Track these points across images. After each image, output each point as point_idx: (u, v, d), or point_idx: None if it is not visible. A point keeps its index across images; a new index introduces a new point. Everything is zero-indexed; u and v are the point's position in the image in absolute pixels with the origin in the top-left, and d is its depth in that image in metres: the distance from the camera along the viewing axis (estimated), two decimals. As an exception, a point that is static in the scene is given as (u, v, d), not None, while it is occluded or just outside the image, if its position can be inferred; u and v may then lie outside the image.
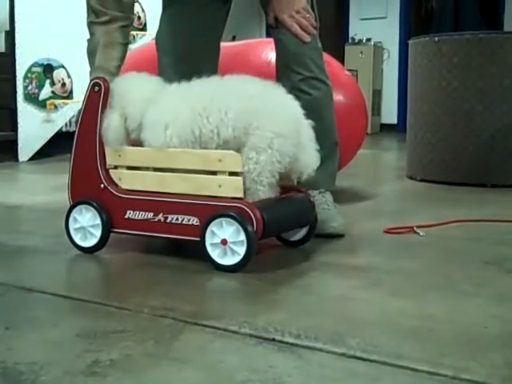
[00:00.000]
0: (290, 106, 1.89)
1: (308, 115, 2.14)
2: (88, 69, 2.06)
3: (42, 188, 3.48)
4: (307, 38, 2.21)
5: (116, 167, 1.94)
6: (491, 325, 1.36)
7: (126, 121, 1.91)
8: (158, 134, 1.85)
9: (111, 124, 1.92)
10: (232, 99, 1.83)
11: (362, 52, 8.47)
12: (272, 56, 2.55)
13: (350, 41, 8.85)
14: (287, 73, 2.24)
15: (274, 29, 2.26)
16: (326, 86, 2.27)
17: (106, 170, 1.93)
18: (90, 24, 2.08)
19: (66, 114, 5.01)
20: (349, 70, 4.64)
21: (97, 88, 1.92)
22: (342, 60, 8.20)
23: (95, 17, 2.06)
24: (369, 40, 8.61)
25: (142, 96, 1.92)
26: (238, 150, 1.80)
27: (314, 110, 2.20)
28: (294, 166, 1.85)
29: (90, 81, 1.97)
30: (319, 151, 2.22)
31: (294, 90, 2.19)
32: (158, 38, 2.41)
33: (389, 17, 8.86)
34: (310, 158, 1.88)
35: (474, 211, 2.65)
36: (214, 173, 1.81)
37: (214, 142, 1.82)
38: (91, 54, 2.06)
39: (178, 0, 2.34)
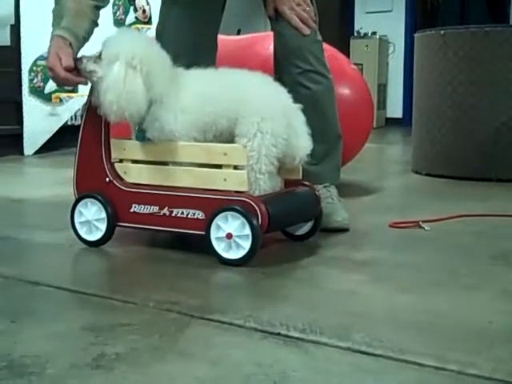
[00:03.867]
0: (275, 91, 1.91)
1: (308, 109, 2.14)
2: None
3: (47, 182, 3.49)
4: (307, 31, 2.20)
5: (121, 161, 1.94)
6: (496, 320, 1.35)
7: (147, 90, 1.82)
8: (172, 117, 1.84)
9: (137, 90, 1.80)
10: (223, 91, 1.85)
11: (367, 46, 8.45)
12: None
13: (355, 34, 8.82)
14: (286, 66, 2.23)
15: (274, 21, 2.25)
16: (327, 80, 2.26)
17: (112, 164, 1.93)
18: None
19: (72, 107, 5.01)
20: (354, 64, 4.63)
21: (102, 83, 1.92)
22: (347, 54, 8.17)
23: None
24: (374, 34, 8.58)
25: (168, 71, 1.87)
26: (233, 141, 1.82)
27: (315, 103, 2.21)
28: (287, 149, 1.84)
29: (52, 37, 1.93)
30: (322, 145, 2.24)
31: (294, 84, 2.19)
32: (157, 32, 2.40)
33: (394, 10, 8.83)
34: (302, 142, 1.87)
35: (480, 205, 2.65)
36: (218, 166, 1.81)
37: (211, 132, 1.85)
38: (58, 16, 1.98)
39: None
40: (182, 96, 1.85)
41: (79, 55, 1.91)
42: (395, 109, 8.77)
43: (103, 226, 1.91)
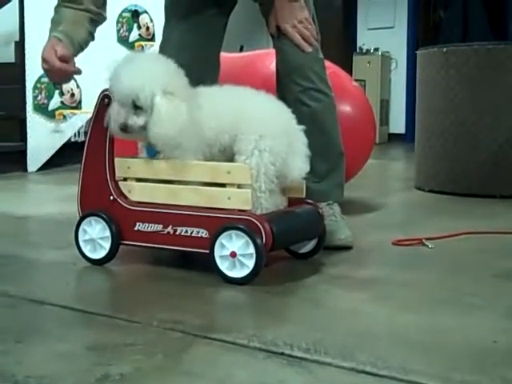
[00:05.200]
0: (277, 109, 1.93)
1: (309, 127, 2.14)
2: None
3: (51, 199, 3.50)
4: (308, 49, 2.21)
5: (125, 179, 1.95)
6: (501, 339, 1.35)
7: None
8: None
9: (181, 113, 1.78)
10: (226, 107, 1.87)
11: (369, 62, 8.47)
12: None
13: (357, 50, 8.86)
14: (288, 84, 2.24)
15: (276, 38, 2.26)
16: (327, 97, 2.26)
17: (116, 182, 1.94)
18: (59, 6, 2.06)
19: (75, 124, 5.03)
20: (357, 80, 4.63)
21: (106, 100, 1.93)
22: (349, 70, 8.20)
23: (66, 2, 2.05)
24: (376, 50, 8.62)
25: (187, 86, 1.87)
26: (233, 159, 1.83)
27: (315, 121, 2.22)
28: (282, 168, 1.84)
29: (49, 39, 1.98)
30: (324, 163, 2.25)
31: (295, 102, 2.20)
32: (161, 50, 2.41)
33: (396, 26, 8.86)
34: (298, 163, 1.86)
35: (483, 223, 2.65)
36: (223, 185, 1.82)
37: (216, 147, 1.86)
38: (56, 23, 2.03)
39: (182, 12, 2.34)
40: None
41: (120, 122, 1.80)
42: (398, 125, 8.78)
43: (107, 245, 1.92)
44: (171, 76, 1.83)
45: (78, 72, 1.98)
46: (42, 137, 4.86)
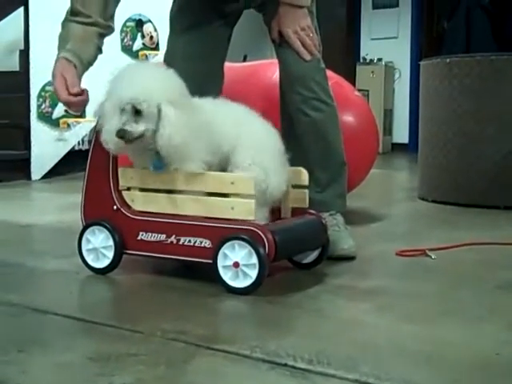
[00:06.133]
0: (269, 129, 1.97)
1: (310, 136, 2.15)
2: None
3: (54, 207, 3.50)
4: (308, 57, 2.21)
5: (129, 189, 1.95)
6: (503, 351, 1.35)
7: None
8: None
9: (185, 122, 1.77)
10: (230, 118, 1.92)
11: (373, 72, 8.49)
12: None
13: (361, 61, 8.88)
14: (290, 93, 2.25)
15: (278, 46, 2.27)
16: (329, 107, 2.27)
17: (119, 192, 1.94)
18: (66, 21, 2.03)
19: (79, 132, 5.04)
20: (360, 90, 4.64)
21: (110, 109, 1.93)
22: (353, 80, 8.22)
23: (73, 16, 2.02)
24: (380, 60, 8.64)
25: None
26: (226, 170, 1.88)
27: (317, 131, 2.23)
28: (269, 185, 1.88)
29: (57, 59, 1.96)
30: (326, 173, 2.25)
31: (296, 112, 2.22)
32: (165, 60, 2.41)
33: (400, 37, 8.88)
34: (280, 182, 1.90)
35: (487, 233, 2.65)
36: (226, 195, 1.82)
37: (218, 155, 1.88)
38: (64, 40, 2.01)
39: (187, 23, 2.34)
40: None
41: (117, 128, 1.76)
42: (401, 134, 8.79)
43: (110, 254, 1.92)
44: (174, 86, 1.83)
45: (86, 101, 1.97)
46: (46, 145, 4.87)
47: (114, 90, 1.80)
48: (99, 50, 2.05)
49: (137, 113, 1.75)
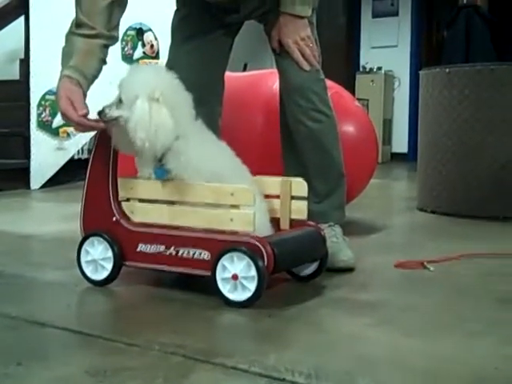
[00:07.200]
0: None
1: (308, 147, 2.15)
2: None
3: (53, 217, 3.50)
4: (307, 67, 2.21)
5: (128, 200, 1.95)
6: (502, 366, 1.35)
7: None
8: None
9: (165, 121, 1.82)
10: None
11: (372, 80, 8.51)
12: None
13: (360, 69, 8.90)
14: (289, 104, 2.26)
15: (277, 55, 2.27)
16: (327, 118, 2.27)
17: (119, 203, 1.94)
18: (70, 34, 2.02)
19: (79, 141, 5.05)
20: (359, 99, 4.64)
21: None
22: (353, 88, 8.23)
23: (78, 28, 2.02)
24: (380, 68, 8.66)
25: (190, 106, 1.92)
26: None
27: (315, 141, 2.23)
28: None
29: (60, 77, 1.96)
30: (324, 184, 2.26)
31: (295, 122, 2.22)
32: None
33: (400, 45, 8.91)
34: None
35: (486, 245, 2.64)
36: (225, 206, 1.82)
37: None
38: (67, 55, 2.00)
39: (189, 33, 2.35)
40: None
41: (100, 107, 1.89)
42: (400, 144, 8.80)
43: (109, 265, 1.92)
44: (164, 85, 1.86)
45: (99, 127, 1.97)
46: (46, 154, 4.88)
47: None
48: (103, 62, 2.05)
49: (120, 101, 1.86)
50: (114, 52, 2.15)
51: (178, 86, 1.92)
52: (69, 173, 4.92)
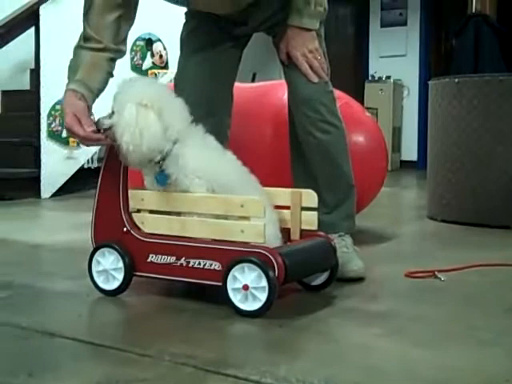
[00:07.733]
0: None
1: (316, 158, 2.15)
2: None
3: (64, 226, 3.51)
4: (315, 79, 2.22)
5: (139, 211, 1.96)
6: (514, 377, 1.35)
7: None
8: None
9: (150, 124, 1.86)
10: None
11: (381, 89, 8.51)
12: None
13: (369, 78, 8.90)
14: (297, 115, 2.26)
15: (286, 67, 2.28)
16: (336, 129, 2.27)
17: (129, 214, 1.95)
18: (78, 48, 2.05)
19: (89, 150, 5.06)
20: (369, 108, 4.64)
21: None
22: (362, 97, 8.24)
23: (85, 42, 2.04)
24: (389, 77, 8.67)
25: (183, 110, 1.94)
26: None
27: (325, 153, 2.24)
28: None
29: (65, 91, 1.98)
30: (333, 194, 2.26)
31: (304, 133, 2.23)
32: (175, 82, 2.43)
33: (408, 55, 8.91)
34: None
35: (496, 254, 2.64)
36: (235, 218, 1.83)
37: None
38: (73, 69, 2.02)
39: (198, 45, 2.36)
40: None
41: (96, 118, 1.95)
42: (410, 152, 8.80)
43: (120, 276, 1.93)
44: (152, 92, 1.90)
45: (104, 140, 1.98)
46: (56, 163, 4.90)
47: None
48: (110, 75, 2.06)
49: (113, 112, 1.91)
50: (124, 62, 2.16)
51: (167, 92, 1.96)
52: (79, 182, 4.94)
